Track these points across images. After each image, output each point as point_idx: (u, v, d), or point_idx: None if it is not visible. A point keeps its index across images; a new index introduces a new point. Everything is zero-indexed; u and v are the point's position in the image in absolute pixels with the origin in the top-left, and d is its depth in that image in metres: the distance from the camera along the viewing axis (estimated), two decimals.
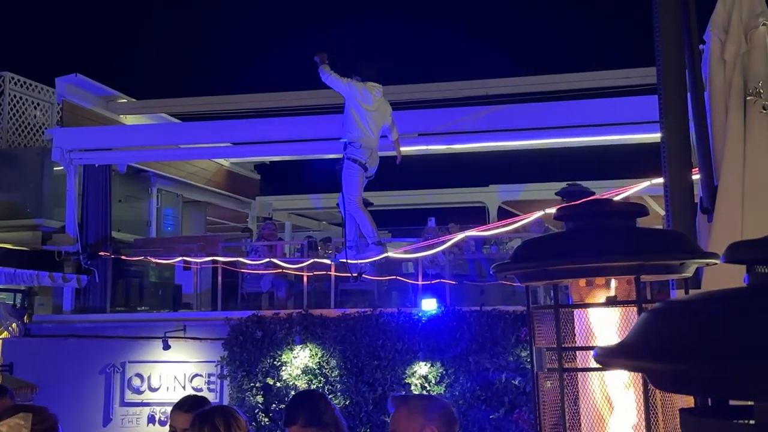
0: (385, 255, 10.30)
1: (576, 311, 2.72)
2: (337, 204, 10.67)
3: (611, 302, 2.58)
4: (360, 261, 10.32)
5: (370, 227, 10.15)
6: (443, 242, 10.24)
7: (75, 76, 13.01)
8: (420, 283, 11.14)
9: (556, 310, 2.57)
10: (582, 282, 2.66)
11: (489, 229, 10.46)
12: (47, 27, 30.41)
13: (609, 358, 1.35)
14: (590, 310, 2.68)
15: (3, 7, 28.85)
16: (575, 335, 2.77)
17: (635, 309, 2.53)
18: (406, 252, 10.73)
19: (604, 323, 2.70)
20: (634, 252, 2.48)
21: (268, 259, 11.58)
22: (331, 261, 11.02)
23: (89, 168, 12.60)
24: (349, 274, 10.42)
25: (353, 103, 10.00)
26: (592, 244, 2.51)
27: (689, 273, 2.61)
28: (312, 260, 11.08)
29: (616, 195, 7.75)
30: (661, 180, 4.48)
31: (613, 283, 2.73)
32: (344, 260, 10.15)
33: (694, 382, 1.26)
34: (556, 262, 2.48)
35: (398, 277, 11.61)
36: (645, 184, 7.12)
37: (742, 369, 1.19)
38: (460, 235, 9.94)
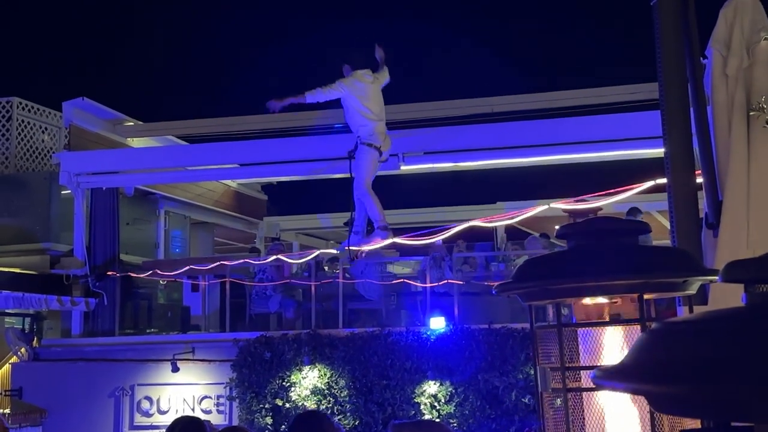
0: (390, 240, 10.25)
1: (580, 329, 2.71)
2: (352, 193, 10.62)
3: (615, 321, 2.57)
4: (366, 247, 10.28)
5: (377, 210, 10.13)
6: (445, 233, 10.13)
7: (82, 100, 13.07)
8: (428, 285, 11.05)
9: (559, 329, 2.56)
10: (585, 301, 2.65)
11: (493, 221, 10.34)
12: (54, 52, 30.62)
13: (607, 381, 1.34)
14: (594, 329, 2.67)
15: (10, 33, 29.08)
16: (580, 354, 2.75)
17: (639, 327, 2.52)
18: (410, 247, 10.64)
19: (609, 341, 2.68)
20: (637, 270, 2.47)
21: (274, 257, 11.51)
22: (337, 250, 10.99)
23: (97, 191, 12.63)
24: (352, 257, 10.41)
25: (351, 100, 10.05)
26: (595, 262, 2.50)
27: (693, 290, 2.60)
28: (318, 252, 10.95)
29: (615, 197, 7.74)
30: (663, 180, 4.47)
31: (617, 301, 2.72)
32: (348, 247, 10.12)
33: (693, 405, 1.25)
34: (559, 282, 2.48)
35: (405, 280, 11.57)
36: (648, 184, 7.07)
37: (740, 391, 1.18)
38: (463, 225, 9.83)
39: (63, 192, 13.16)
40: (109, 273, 12.11)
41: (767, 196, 4.01)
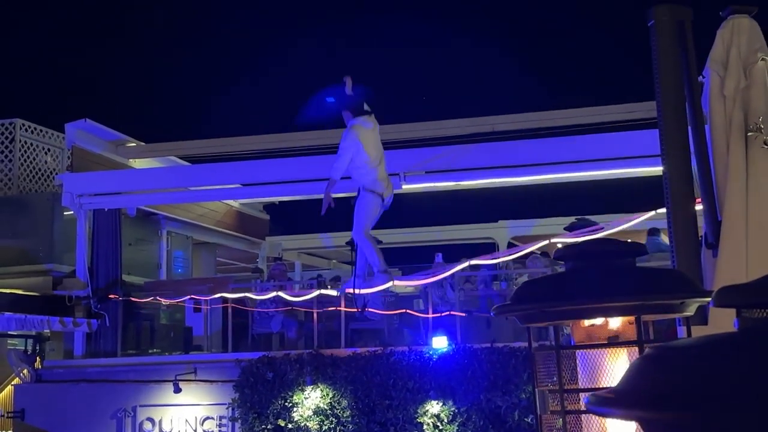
0: (391, 283, 10.24)
1: (579, 351, 2.71)
2: (352, 237, 10.63)
3: (613, 343, 2.58)
4: (367, 290, 10.28)
5: (376, 256, 10.12)
6: (448, 273, 10.17)
7: (85, 122, 13.12)
8: (430, 315, 11.06)
9: (557, 351, 2.56)
10: (583, 322, 2.66)
11: (495, 258, 10.39)
12: (57, 74, 30.77)
13: (600, 407, 1.35)
14: (593, 350, 2.67)
15: (13, 55, 29.23)
16: (579, 375, 2.76)
17: (637, 349, 2.53)
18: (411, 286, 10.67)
19: (608, 363, 2.69)
20: (634, 292, 2.48)
21: (275, 293, 11.54)
22: (338, 292, 10.99)
23: (99, 212, 12.66)
24: (355, 309, 10.39)
25: (361, 154, 10.01)
26: (592, 284, 2.51)
27: (691, 311, 2.61)
28: (319, 292, 11.01)
29: (622, 225, 7.75)
30: (662, 210, 4.49)
31: (615, 322, 2.73)
32: (351, 290, 10.11)
33: (686, 431, 1.26)
34: (556, 304, 2.49)
35: (408, 311, 11.55)
36: (650, 214, 7.10)
37: (732, 417, 1.19)
38: (464, 264, 9.86)
39: (66, 213, 13.20)
40: (111, 296, 12.12)
41: (766, 217, 4.03)
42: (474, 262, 10.32)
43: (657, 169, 9.61)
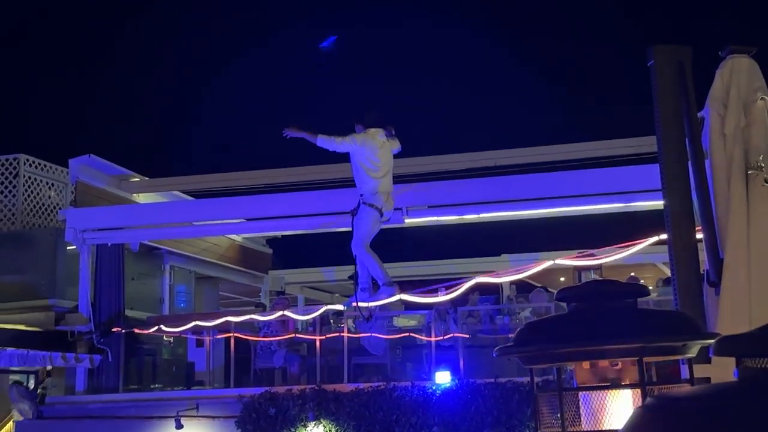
0: (397, 296, 10.16)
1: (581, 393, 2.71)
2: (350, 249, 10.51)
3: (615, 385, 2.57)
4: (373, 303, 10.22)
5: (379, 269, 10.06)
6: (453, 290, 10.07)
7: (88, 157, 13.17)
8: (433, 339, 11.00)
9: (559, 393, 2.56)
10: (586, 364, 2.66)
11: (499, 277, 10.28)
12: (60, 109, 30.94)
13: None
14: (595, 392, 2.67)
15: (17, 90, 29.43)
16: (582, 417, 2.75)
17: (639, 391, 2.52)
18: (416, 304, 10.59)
19: (610, 405, 2.68)
20: (636, 334, 2.48)
21: (280, 312, 11.49)
22: (344, 306, 10.93)
23: (102, 247, 12.67)
24: (362, 316, 10.34)
25: (359, 157, 10.02)
26: (594, 326, 2.51)
27: (693, 353, 2.61)
28: (325, 308, 10.92)
29: (619, 254, 7.73)
30: (664, 236, 4.49)
31: (618, 364, 2.72)
32: (356, 303, 10.05)
33: None
34: (558, 346, 2.49)
35: (411, 334, 11.52)
36: (650, 241, 7.07)
37: None
38: (469, 283, 9.79)
39: (69, 248, 13.21)
40: (114, 329, 12.10)
41: (767, 254, 4.03)
42: (482, 279, 10.18)
43: (661, 203, 9.62)
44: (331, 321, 13.12)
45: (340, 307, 11.13)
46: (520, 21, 34.00)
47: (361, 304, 10.05)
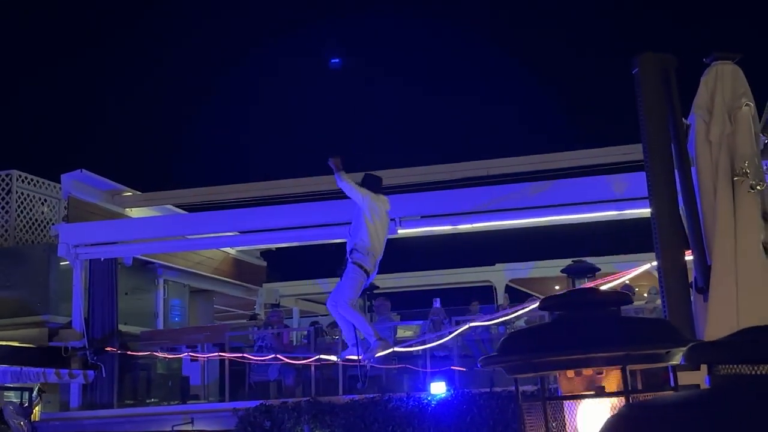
0: (391, 349, 10.04)
1: (566, 402, 2.71)
2: (327, 307, 10.34)
3: (599, 394, 2.57)
4: (369, 360, 10.12)
5: (367, 326, 9.87)
6: (450, 332, 10.10)
7: (80, 172, 13.16)
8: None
9: (543, 402, 2.55)
10: (570, 373, 2.65)
11: (493, 319, 10.25)
12: (52, 125, 30.94)
13: None
14: (579, 401, 2.67)
15: (10, 106, 29.42)
16: (566, 426, 2.74)
17: (624, 399, 2.52)
18: (411, 346, 10.53)
19: (595, 413, 2.68)
20: (620, 342, 2.48)
21: (273, 356, 11.51)
22: (338, 358, 10.84)
23: (95, 262, 12.65)
24: (357, 361, 10.29)
25: (367, 214, 9.90)
26: (577, 335, 2.51)
27: (676, 360, 2.60)
28: (317, 356, 10.97)
29: (619, 279, 7.71)
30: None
31: (602, 372, 2.72)
32: (350, 356, 9.92)
33: None
34: (541, 355, 2.49)
35: (408, 366, 11.46)
36: (646, 267, 7.06)
37: None
38: (465, 327, 9.77)
39: (62, 263, 13.18)
40: (108, 349, 12.05)
41: (754, 261, 4.04)
42: (476, 324, 10.18)
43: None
44: (326, 333, 13.11)
45: (335, 358, 10.97)
46: (512, 25, 34.11)
47: (355, 357, 9.81)
